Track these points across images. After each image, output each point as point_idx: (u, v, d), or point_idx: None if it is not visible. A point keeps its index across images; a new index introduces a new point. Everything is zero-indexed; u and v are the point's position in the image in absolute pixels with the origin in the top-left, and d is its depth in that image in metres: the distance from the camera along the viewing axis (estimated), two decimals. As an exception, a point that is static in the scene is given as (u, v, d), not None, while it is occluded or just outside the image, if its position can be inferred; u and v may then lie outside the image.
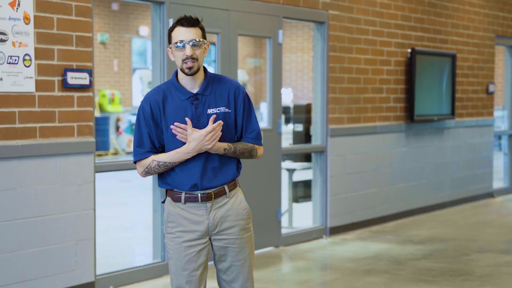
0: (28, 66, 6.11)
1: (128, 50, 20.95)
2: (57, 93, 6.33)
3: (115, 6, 20.11)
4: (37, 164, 6.17)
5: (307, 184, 10.35)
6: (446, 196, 11.69)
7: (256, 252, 8.30)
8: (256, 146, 4.30)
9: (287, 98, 20.68)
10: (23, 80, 6.07)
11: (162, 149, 4.21)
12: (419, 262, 8.01)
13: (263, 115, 18.21)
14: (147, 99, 4.19)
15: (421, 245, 8.90)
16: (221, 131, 4.08)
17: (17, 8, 6.01)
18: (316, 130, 9.40)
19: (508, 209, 12.08)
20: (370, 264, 7.90)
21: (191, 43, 4.04)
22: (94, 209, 6.64)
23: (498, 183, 13.63)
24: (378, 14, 10.06)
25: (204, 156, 4.12)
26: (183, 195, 4.17)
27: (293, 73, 22.81)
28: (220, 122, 4.01)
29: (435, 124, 11.33)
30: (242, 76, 20.13)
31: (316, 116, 9.38)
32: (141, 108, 4.18)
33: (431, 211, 11.29)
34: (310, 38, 21.71)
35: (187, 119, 4.03)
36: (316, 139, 9.41)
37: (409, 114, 10.65)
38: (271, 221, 8.56)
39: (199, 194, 4.16)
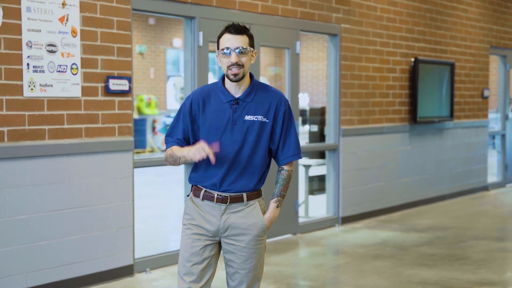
0: (75, 74, 6.14)
1: (163, 59, 20.97)
2: (100, 97, 6.35)
3: (151, 21, 20.15)
4: (82, 161, 6.19)
5: (321, 178, 10.34)
6: (445, 189, 11.64)
7: (276, 238, 8.32)
8: (289, 168, 3.96)
9: (304, 102, 20.63)
10: (70, 87, 6.10)
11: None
12: (422, 248, 7.97)
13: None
14: (190, 96, 3.93)
15: (423, 233, 8.86)
16: (254, 141, 3.83)
17: (65, 23, 6.03)
18: (330, 130, 9.38)
19: (501, 201, 12.00)
20: (377, 250, 7.87)
21: (237, 51, 3.74)
22: (133, 200, 6.65)
23: (492, 177, 13.57)
24: (385, 27, 10.03)
25: (230, 160, 3.81)
26: (202, 192, 3.88)
27: (309, 80, 22.76)
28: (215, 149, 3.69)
29: (436, 125, 11.28)
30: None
31: (330, 118, 9.36)
32: (184, 103, 3.93)
33: (432, 202, 11.24)
34: (324, 48, 21.66)
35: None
36: (330, 139, 9.39)
37: (413, 116, 10.61)
38: (289, 211, 8.55)
39: (216, 195, 3.85)
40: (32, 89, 5.81)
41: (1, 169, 5.60)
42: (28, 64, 5.78)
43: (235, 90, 3.85)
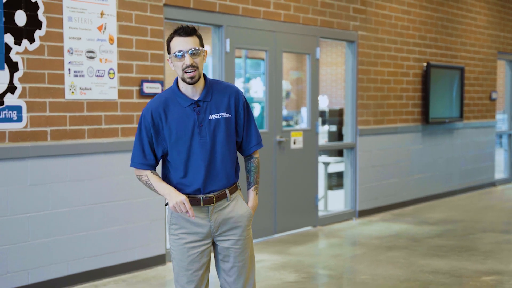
0: (112, 78, 6.16)
1: (193, 64, 21.03)
2: (135, 100, 6.37)
3: (182, 29, 20.22)
4: (119, 158, 6.22)
5: (339, 175, 10.33)
6: (455, 185, 11.56)
7: (296, 231, 8.31)
8: (257, 156, 3.78)
9: (323, 104, 20.57)
10: (108, 90, 6.13)
11: (164, 156, 3.64)
12: (433, 240, 7.93)
13: (303, 118, 18.14)
14: (148, 108, 3.56)
15: (435, 225, 8.80)
16: (224, 138, 3.57)
17: (103, 31, 6.06)
18: (347, 130, 9.35)
19: (508, 196, 11.91)
20: (392, 241, 7.84)
21: (189, 52, 3.44)
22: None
23: (499, 174, 13.47)
24: (399, 34, 9.98)
25: (206, 161, 3.53)
26: None
27: (328, 83, 22.69)
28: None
29: (447, 125, 11.21)
30: (286, 86, 20.05)
31: (347, 119, 9.33)
32: (143, 116, 3.56)
33: (443, 197, 11.17)
34: (342, 54, 21.58)
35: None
36: (347, 138, 9.36)
37: (425, 117, 10.55)
38: (309, 205, 8.54)
39: (201, 198, 3.55)
40: (73, 92, 5.84)
41: (44, 166, 5.64)
42: (69, 69, 5.81)
43: (192, 92, 3.54)
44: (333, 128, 12.17)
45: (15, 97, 5.45)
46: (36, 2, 5.56)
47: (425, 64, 10.56)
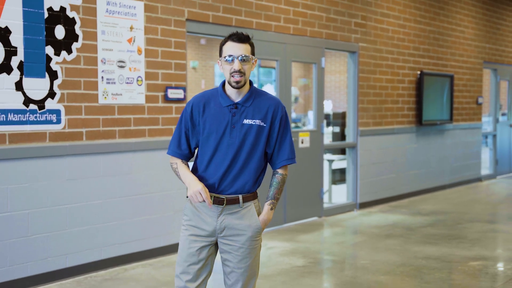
0: (140, 85, 6.17)
1: (212, 73, 21.03)
2: (160, 104, 6.37)
3: (203, 41, 20.24)
4: (146, 156, 6.22)
5: (342, 171, 10.29)
6: (446, 180, 11.51)
7: (304, 221, 8.28)
8: (283, 172, 3.42)
9: (328, 107, 20.53)
10: (136, 95, 6.13)
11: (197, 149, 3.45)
12: (426, 229, 7.89)
13: (310, 120, 18.11)
14: (191, 101, 3.36)
15: (427, 216, 8.76)
16: (251, 144, 3.30)
17: (132, 43, 6.06)
18: (349, 131, 9.32)
19: (492, 190, 11.83)
20: (389, 230, 7.80)
21: (239, 58, 3.24)
22: (187, 188, 6.65)
23: (484, 170, 13.41)
24: (395, 45, 9.94)
25: (228, 162, 3.29)
26: None
27: (332, 89, 22.64)
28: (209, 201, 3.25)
29: (438, 126, 11.16)
30: (294, 92, 20.02)
31: (349, 121, 9.30)
32: (185, 109, 3.37)
33: (435, 191, 11.12)
34: (345, 63, 21.54)
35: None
36: (349, 138, 9.33)
37: (419, 119, 10.51)
38: (315, 198, 8.51)
39: (213, 197, 3.31)
40: (105, 97, 5.85)
41: (80, 163, 5.65)
42: (102, 77, 5.82)
43: (235, 95, 3.31)
44: (337, 129, 12.13)
45: (54, 101, 5.47)
46: (73, 17, 5.57)
47: (418, 72, 10.51)
